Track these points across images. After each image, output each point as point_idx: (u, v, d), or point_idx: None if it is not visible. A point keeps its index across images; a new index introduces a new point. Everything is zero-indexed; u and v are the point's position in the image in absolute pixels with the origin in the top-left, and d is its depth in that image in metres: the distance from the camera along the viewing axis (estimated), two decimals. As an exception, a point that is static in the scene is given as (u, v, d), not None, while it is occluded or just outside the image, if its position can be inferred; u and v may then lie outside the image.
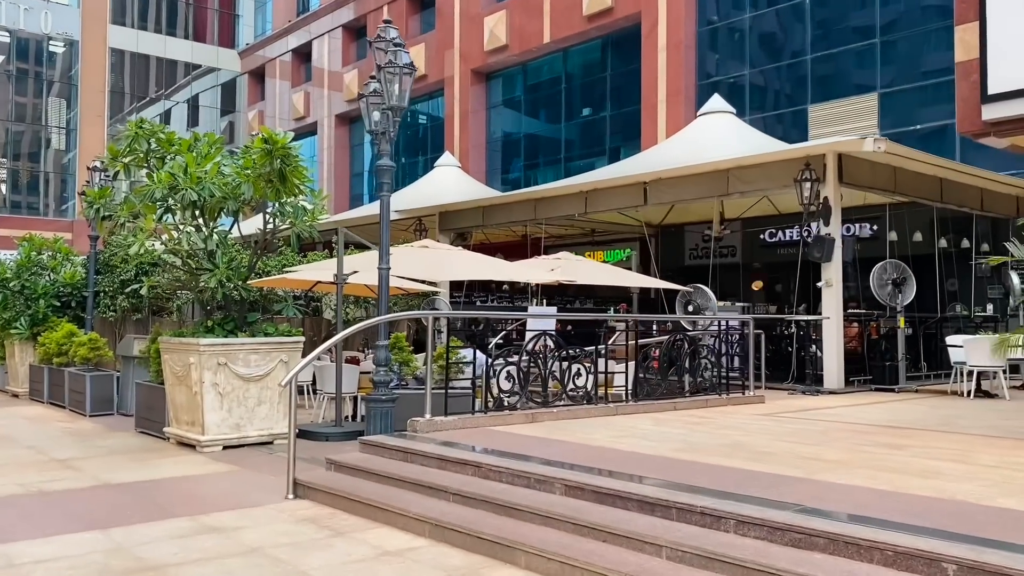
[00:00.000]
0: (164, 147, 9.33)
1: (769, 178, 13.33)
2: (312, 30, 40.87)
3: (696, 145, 16.26)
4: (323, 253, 18.12)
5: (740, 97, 23.20)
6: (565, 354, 8.54)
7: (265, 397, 9.40)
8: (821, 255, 12.42)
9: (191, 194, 8.50)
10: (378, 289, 8.12)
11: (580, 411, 8.65)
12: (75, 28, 43.22)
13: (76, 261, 16.26)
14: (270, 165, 8.53)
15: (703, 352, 10.01)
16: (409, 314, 8.81)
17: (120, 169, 9.38)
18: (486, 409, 8.03)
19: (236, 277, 9.09)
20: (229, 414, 9.15)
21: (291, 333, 9.63)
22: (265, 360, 9.34)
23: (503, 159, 31.43)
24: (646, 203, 15.34)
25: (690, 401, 9.77)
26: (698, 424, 8.30)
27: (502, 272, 10.45)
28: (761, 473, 5.61)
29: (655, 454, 6.44)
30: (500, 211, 18.33)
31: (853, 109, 21.00)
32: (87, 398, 12.08)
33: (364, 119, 8.50)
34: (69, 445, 9.62)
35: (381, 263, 8.09)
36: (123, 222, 9.00)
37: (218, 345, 9.02)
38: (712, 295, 12.78)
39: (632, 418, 8.73)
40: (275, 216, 9.25)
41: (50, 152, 45.76)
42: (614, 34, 26.81)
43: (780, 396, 11.52)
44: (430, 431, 7.55)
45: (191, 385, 9.09)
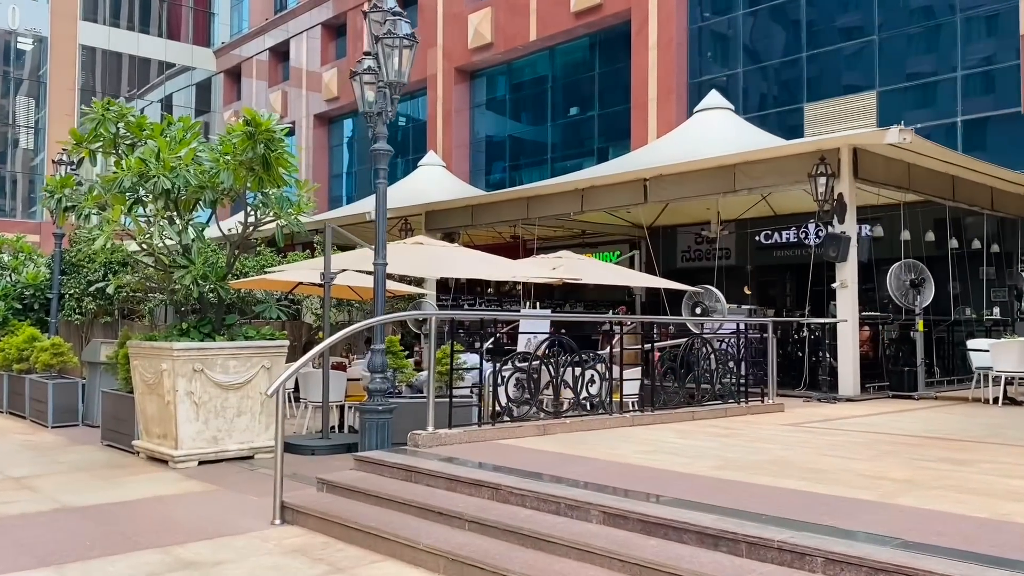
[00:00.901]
0: (134, 132, 8.47)
1: (779, 173, 12.66)
2: (290, 28, 39.91)
3: (696, 141, 15.59)
4: (304, 254, 17.24)
5: (734, 96, 22.54)
6: (578, 359, 7.76)
7: (245, 407, 8.53)
8: (836, 254, 11.75)
9: (164, 182, 7.64)
10: (374, 287, 7.29)
11: (594, 422, 7.88)
12: (44, 24, 41.95)
13: (40, 261, 15.25)
14: (253, 151, 7.69)
15: (722, 357, 9.27)
16: (414, 314, 7.98)
17: (85, 156, 8.48)
18: (493, 420, 7.24)
19: (213, 275, 8.22)
20: (206, 426, 8.28)
21: (274, 336, 8.78)
22: (245, 366, 8.48)
23: (487, 160, 30.67)
24: (646, 201, 14.62)
25: (709, 410, 9.03)
26: (727, 436, 7.55)
27: (502, 270, 9.68)
28: (827, 496, 4.86)
29: (695, 473, 5.67)
30: (490, 210, 17.55)
31: (850, 108, 20.46)
32: (49, 408, 11.13)
33: (358, 100, 7.69)
34: (27, 461, 8.69)
35: (377, 258, 7.27)
36: (87, 214, 8.10)
37: (193, 350, 8.15)
38: (722, 296, 12.08)
39: (652, 429, 7.97)
40: (257, 208, 8.40)
41: (18, 152, 44.40)
42: (602, 32, 26.15)
43: (796, 404, 10.81)
44: (434, 445, 6.74)
45: (163, 394, 8.21)
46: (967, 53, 18.44)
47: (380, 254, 7.27)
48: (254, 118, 7.58)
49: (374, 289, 7.32)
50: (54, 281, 13.92)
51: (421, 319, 17.83)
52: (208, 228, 8.52)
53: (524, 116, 29.47)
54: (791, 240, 20.56)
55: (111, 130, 8.26)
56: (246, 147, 7.73)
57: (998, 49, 17.91)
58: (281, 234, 8.16)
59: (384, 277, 7.29)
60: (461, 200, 18.20)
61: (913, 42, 19.52)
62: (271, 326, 10.03)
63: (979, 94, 18.52)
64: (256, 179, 7.97)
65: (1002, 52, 17.69)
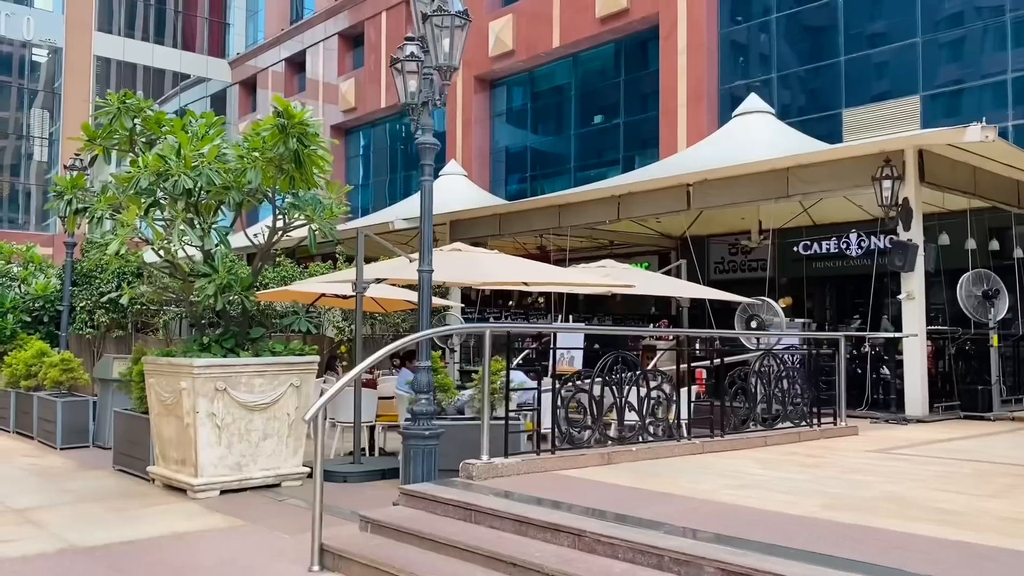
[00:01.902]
0: (152, 128, 7.73)
1: (836, 177, 11.83)
2: (305, 39, 39.41)
3: (737, 146, 14.79)
4: (326, 265, 16.49)
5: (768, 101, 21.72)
6: (643, 379, 6.94)
7: (272, 430, 7.74)
8: (903, 264, 10.90)
9: (185, 181, 6.88)
10: (419, 297, 6.50)
11: (662, 449, 7.04)
12: (59, 35, 41.59)
13: (50, 272, 14.54)
14: (284, 146, 6.93)
15: (794, 376, 8.42)
16: (467, 327, 7.08)
17: (99, 153, 7.75)
18: (553, 447, 6.41)
19: (238, 285, 7.45)
20: (228, 451, 7.49)
21: (303, 352, 7.99)
22: (272, 384, 7.70)
23: (507, 170, 29.94)
24: (689, 207, 13.81)
25: (781, 434, 8.18)
26: (815, 466, 6.70)
27: (551, 277, 8.86)
28: (988, 549, 4.02)
29: (805, 515, 4.83)
30: (518, 219, 16.77)
31: (893, 113, 19.60)
32: (58, 428, 10.37)
33: (399, 90, 6.92)
34: (33, 488, 7.92)
35: (423, 264, 6.48)
36: (100, 217, 7.35)
37: (216, 366, 7.37)
38: (779, 309, 11.23)
39: (726, 458, 7.13)
40: (286, 212, 7.63)
41: (32, 165, 44.00)
42: (629, 37, 25.40)
43: (865, 425, 9.94)
44: (489, 477, 5.92)
45: (182, 416, 7.43)
46: (1017, 56, 17.61)
47: (426, 260, 6.49)
48: (286, 109, 6.83)
49: (419, 299, 6.52)
50: (64, 292, 13.20)
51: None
52: (232, 233, 7.75)
53: (546, 125, 28.75)
54: (831, 251, 19.67)
55: (127, 125, 7.53)
56: (276, 142, 6.97)
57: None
58: (314, 239, 7.39)
59: (430, 285, 6.50)
60: (488, 208, 17.45)
61: (958, 45, 18.68)
62: (289, 339, 9.23)
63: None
64: (287, 178, 7.21)
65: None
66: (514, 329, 6.88)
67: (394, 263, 9.46)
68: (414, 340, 6.15)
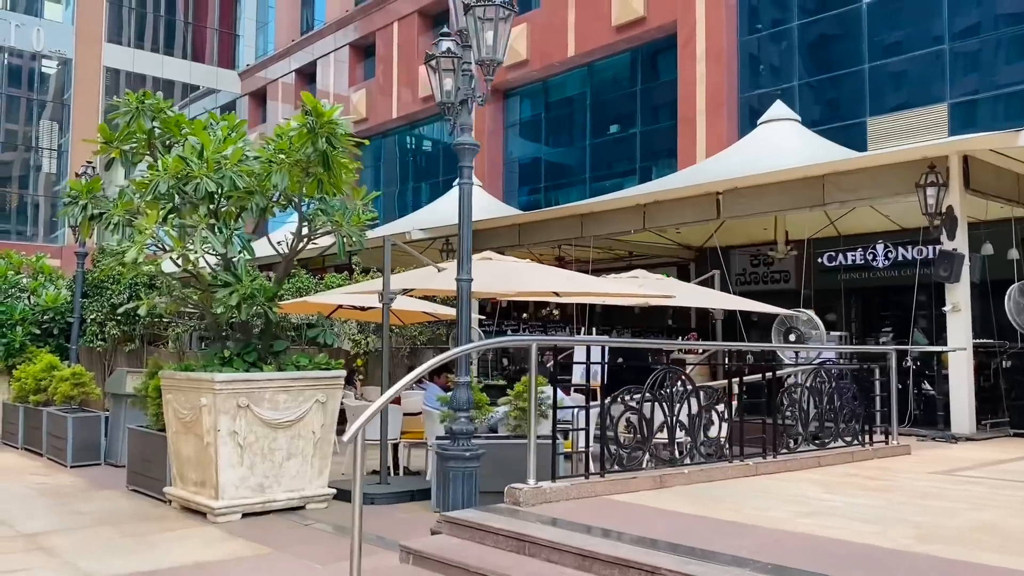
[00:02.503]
0: (172, 130, 7.33)
1: (875, 185, 11.39)
2: (315, 50, 39.16)
3: (766, 153, 14.39)
4: (342, 276, 16.07)
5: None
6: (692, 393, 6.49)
7: (296, 449, 7.30)
8: (948, 274, 10.44)
9: (207, 184, 6.47)
10: (458, 307, 6.07)
11: (715, 471, 6.59)
12: (69, 46, 41.43)
13: (60, 283, 14.15)
14: (312, 146, 6.52)
15: (846, 391, 7.95)
16: (513, 339, 6.53)
17: (116, 156, 7.35)
18: (603, 470, 5.96)
19: (262, 295, 7.02)
20: (251, 472, 7.05)
21: (330, 366, 7.56)
22: (297, 401, 7.26)
23: (520, 181, 29.56)
24: (719, 217, 13.38)
25: (834, 454, 7.71)
26: (883, 490, 6.24)
27: (585, 287, 8.42)
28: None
29: (898, 547, 4.37)
30: (538, 229, 16.35)
31: (919, 121, 19.15)
32: (68, 445, 9.94)
33: (434, 89, 6.52)
34: (42, 511, 7.48)
35: (461, 273, 6.05)
36: (117, 223, 6.94)
37: (239, 382, 6.94)
38: (819, 322, 10.77)
39: (783, 480, 6.67)
40: (313, 217, 7.21)
41: (40, 177, 43.76)
42: (645, 46, 25.03)
43: (913, 444, 9.45)
44: (538, 503, 5.47)
45: (202, 434, 7.00)
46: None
47: (464, 268, 6.06)
48: (315, 107, 6.43)
49: (458, 310, 6.09)
50: (75, 304, 12.81)
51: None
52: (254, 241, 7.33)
53: (560, 135, 28.36)
54: (857, 262, 19.22)
55: (147, 127, 7.13)
56: (304, 143, 6.56)
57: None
58: (344, 246, 6.97)
59: (469, 295, 6.06)
60: (507, 218, 17.04)
61: (987, 52, 18.25)
62: (306, 352, 8.77)
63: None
64: (315, 182, 6.80)
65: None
66: (561, 342, 6.42)
67: (422, 273, 9.04)
68: (459, 353, 5.70)
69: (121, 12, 43.77)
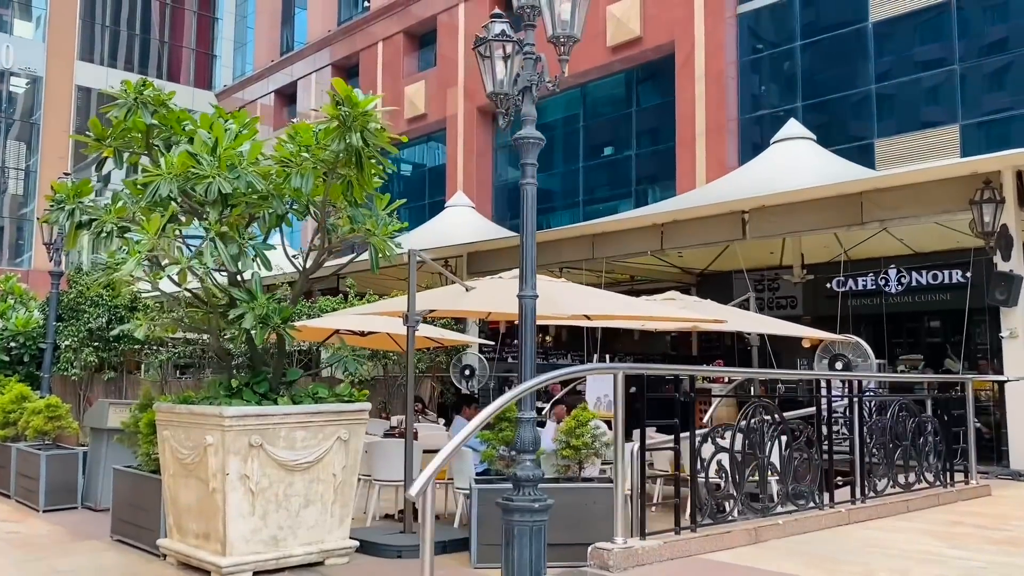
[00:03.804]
0: (173, 126, 6.38)
1: (919, 202, 10.68)
2: (295, 71, 38.28)
3: (784, 171, 13.70)
4: (336, 300, 15.06)
5: (779, 134, 20.78)
6: (782, 429, 5.61)
7: (315, 494, 6.30)
8: (1006, 298, 9.72)
9: (221, 184, 5.52)
10: (521, 328, 5.15)
11: (808, 520, 5.71)
12: (39, 64, 40.15)
13: (32, 305, 13.00)
14: (344, 142, 5.60)
15: (926, 426, 7.13)
16: (597, 367, 5.49)
17: (108, 156, 6.38)
18: (694, 523, 5.04)
19: (278, 315, 6.05)
20: (263, 522, 6.03)
21: (352, 397, 6.59)
22: (316, 438, 6.28)
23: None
24: (745, 236, 12.61)
25: (920, 497, 6.87)
26: (1012, 543, 5.37)
27: (630, 310, 7.55)
28: None
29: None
30: (546, 250, 15.47)
31: (929, 143, 18.66)
32: (42, 486, 8.81)
33: (485, 77, 5.66)
34: (12, 568, 6.39)
35: (525, 289, 5.15)
36: (110, 232, 5.96)
37: (251, 416, 5.95)
38: (869, 349, 9.98)
39: (883, 530, 5.79)
40: (337, 228, 6.28)
41: (5, 198, 42.23)
42: (642, 66, 24.47)
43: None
44: (629, 566, 4.54)
45: (207, 478, 5.98)
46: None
47: (528, 283, 5.16)
48: (349, 96, 5.51)
49: (520, 332, 5.16)
50: (48, 328, 11.68)
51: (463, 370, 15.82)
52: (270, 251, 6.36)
53: (552, 157, 27.63)
54: (868, 288, 18.58)
55: (146, 121, 6.18)
56: (334, 137, 5.64)
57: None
58: (377, 259, 6.03)
59: (534, 314, 5.15)
60: (511, 239, 16.18)
61: (1002, 71, 17.83)
62: (313, 382, 7.78)
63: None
64: (344, 184, 5.87)
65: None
66: (650, 371, 5.52)
67: (447, 292, 8.12)
68: (543, 383, 4.75)
69: (94, 30, 42.62)
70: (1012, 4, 17.94)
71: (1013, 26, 17.71)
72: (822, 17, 20.76)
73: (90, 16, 42.45)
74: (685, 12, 21.95)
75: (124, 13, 43.77)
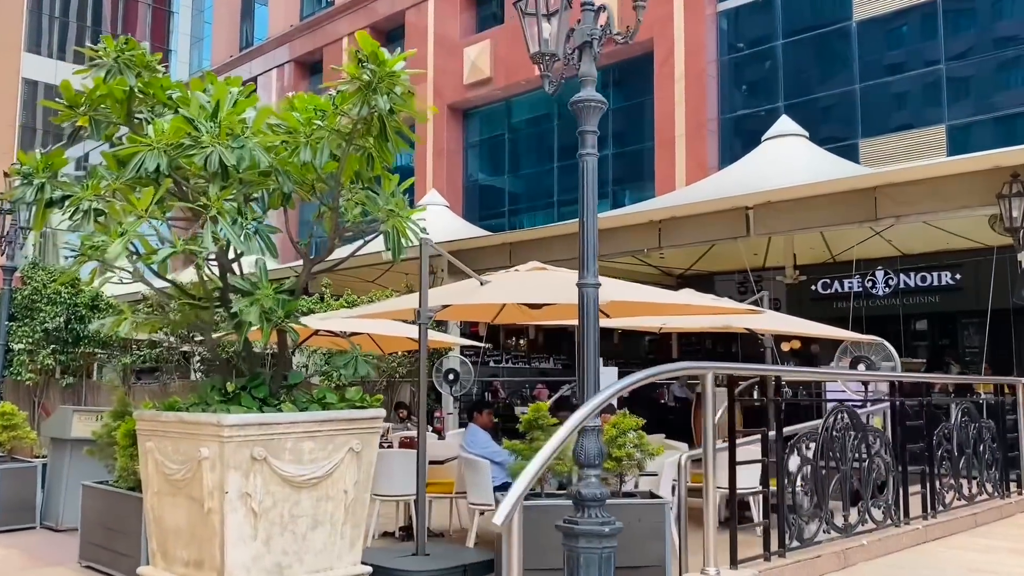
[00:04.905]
0: (156, 94, 5.54)
1: (939, 197, 10.23)
2: (255, 67, 37.12)
3: (785, 167, 13.26)
4: (312, 299, 14.16)
5: (768, 132, 20.45)
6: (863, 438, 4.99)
7: (323, 514, 5.50)
8: (1034, 296, 9.30)
9: (223, 155, 4.72)
10: (581, 322, 4.43)
11: (889, 540, 5.10)
12: (-17, 55, 38.32)
13: (-20, 303, 11.88)
14: (367, 106, 4.83)
15: (986, 433, 6.58)
16: (687, 366, 4.71)
17: (83, 125, 5.53)
18: (783, 546, 4.37)
19: (282, 308, 5.25)
20: (266, 548, 5.21)
21: (365, 403, 5.80)
22: (326, 450, 5.48)
23: (482, 204, 28.07)
24: (749, 234, 12.05)
25: (984, 510, 6.31)
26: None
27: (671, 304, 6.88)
28: None
29: None
30: (535, 248, 14.76)
31: (915, 143, 18.44)
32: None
33: (527, 37, 4.95)
34: (-33, 603, 5.49)
35: (586, 276, 4.44)
36: (88, 209, 5.10)
37: (253, 426, 5.13)
38: (893, 351, 9.47)
39: (963, 548, 5.24)
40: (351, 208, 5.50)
41: (-55, 196, 40.16)
42: (618, 64, 23.94)
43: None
44: (725, 600, 3.85)
45: (200, 496, 5.15)
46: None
47: (590, 270, 4.44)
48: (375, 52, 4.75)
49: (580, 326, 4.44)
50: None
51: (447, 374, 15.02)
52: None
53: (526, 157, 27.01)
54: (855, 289, 18.27)
55: (129, 83, 5.34)
56: (356, 101, 4.87)
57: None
58: (398, 245, 5.27)
59: (596, 304, 4.44)
60: (499, 236, 15.49)
61: (988, 71, 17.65)
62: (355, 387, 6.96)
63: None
64: (364, 157, 5.11)
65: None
66: (738, 371, 4.85)
67: (461, 287, 7.39)
68: (627, 387, 4.04)
69: (41, 21, 40.88)
70: (998, 4, 17.82)
71: (999, 26, 17.57)
72: (804, 16, 20.48)
73: (37, 7, 40.74)
74: (664, 10, 21.47)
75: (74, 4, 42.12)
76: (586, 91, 4.67)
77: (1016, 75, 17.27)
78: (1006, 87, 17.45)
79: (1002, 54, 17.34)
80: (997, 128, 17.35)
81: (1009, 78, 17.41)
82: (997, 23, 17.55)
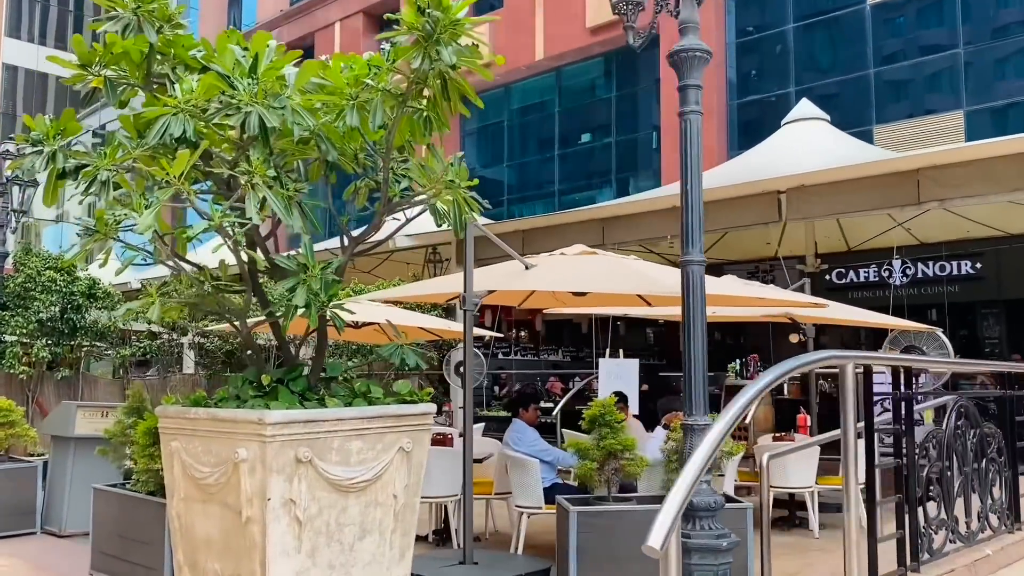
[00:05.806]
0: (179, 54, 4.92)
1: (989, 180, 9.73)
2: (243, 52, 36.28)
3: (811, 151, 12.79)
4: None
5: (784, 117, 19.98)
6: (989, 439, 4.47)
7: (371, 522, 4.91)
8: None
9: (264, 116, 4.12)
10: (685, 302, 3.87)
11: (1011, 548, 4.57)
12: (-38, 39, 37.28)
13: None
14: (428, 63, 4.24)
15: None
16: (823, 355, 4.16)
17: (97, 86, 4.90)
18: (916, 559, 3.84)
19: (325, 292, 4.66)
20: (312, 561, 4.63)
21: (415, 397, 5.21)
22: (375, 450, 4.89)
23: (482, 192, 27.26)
24: (780, 219, 11.53)
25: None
26: None
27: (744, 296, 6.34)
28: None
29: None
30: (550, 236, 14.20)
31: (933, 129, 18.02)
32: (-9, 508, 7.23)
33: (608, -15, 4.37)
34: (-30, 624, 4.88)
35: (691, 252, 3.88)
36: (107, 180, 4.48)
37: (298, 423, 4.54)
38: (946, 340, 8.99)
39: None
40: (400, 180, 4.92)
41: (-77, 185, 39.10)
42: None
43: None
44: (873, 625, 3.31)
45: (238, 504, 4.55)
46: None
47: (695, 245, 3.90)
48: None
49: (685, 306, 3.88)
50: (-10, 319, 9.96)
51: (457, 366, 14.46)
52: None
53: (526, 144, 26.43)
54: (871, 279, 17.87)
55: (150, 40, 4.71)
56: (412, 56, 4.28)
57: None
58: (459, 220, 4.69)
59: (703, 285, 3.88)
60: (510, 223, 14.90)
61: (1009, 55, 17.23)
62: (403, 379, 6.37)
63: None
64: (422, 120, 4.53)
65: None
66: (878, 361, 4.32)
67: (505, 270, 6.82)
68: (773, 383, 3.45)
69: (22, 4, 39.80)
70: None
71: (1020, 10, 17.14)
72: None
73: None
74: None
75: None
76: (688, 39, 4.16)
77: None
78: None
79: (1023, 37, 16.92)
80: (1020, 114, 16.95)
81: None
82: (1017, 5, 17.12)
